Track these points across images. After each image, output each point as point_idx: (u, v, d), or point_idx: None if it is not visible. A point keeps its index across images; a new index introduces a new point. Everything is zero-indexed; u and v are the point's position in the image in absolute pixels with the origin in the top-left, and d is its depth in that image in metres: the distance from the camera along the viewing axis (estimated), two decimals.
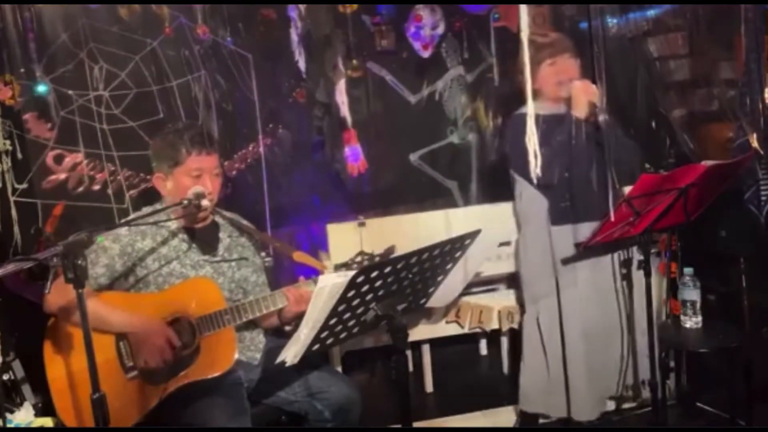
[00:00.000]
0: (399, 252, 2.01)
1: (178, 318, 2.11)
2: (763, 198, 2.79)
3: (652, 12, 3.29)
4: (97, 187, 2.79)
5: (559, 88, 2.54)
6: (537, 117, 2.27)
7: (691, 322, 2.43)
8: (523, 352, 2.76)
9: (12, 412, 2.28)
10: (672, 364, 2.86)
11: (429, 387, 3.30)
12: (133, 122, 2.80)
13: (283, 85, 3.09)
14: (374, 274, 1.66)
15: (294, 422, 2.31)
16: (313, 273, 2.24)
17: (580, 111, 2.46)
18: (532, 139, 1.52)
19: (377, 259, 2.13)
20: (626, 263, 2.66)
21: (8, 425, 2.21)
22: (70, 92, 2.74)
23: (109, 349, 2.08)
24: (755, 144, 2.76)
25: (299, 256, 2.25)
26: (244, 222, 2.43)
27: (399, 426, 1.84)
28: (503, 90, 3.25)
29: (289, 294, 2.14)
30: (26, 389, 2.40)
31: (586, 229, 2.51)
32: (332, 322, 1.69)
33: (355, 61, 3.11)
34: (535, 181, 2.06)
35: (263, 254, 2.49)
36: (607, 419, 2.83)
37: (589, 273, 2.60)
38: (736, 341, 2.40)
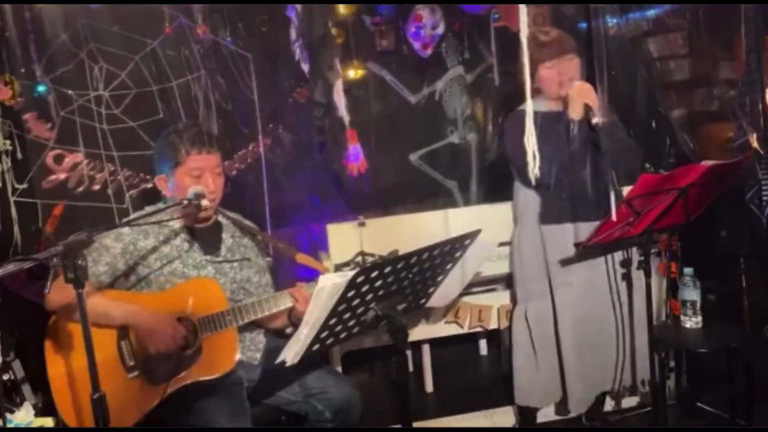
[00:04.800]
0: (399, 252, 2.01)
1: (180, 318, 2.11)
2: (765, 198, 2.79)
3: (652, 12, 3.29)
4: (97, 187, 2.79)
5: (560, 88, 2.55)
6: (536, 114, 2.29)
7: (691, 322, 2.43)
8: (513, 348, 2.77)
9: (12, 412, 2.28)
10: (672, 364, 2.87)
11: (429, 387, 3.30)
12: (133, 122, 2.80)
13: (283, 85, 3.09)
14: (374, 274, 1.66)
15: (294, 422, 2.31)
16: (314, 274, 2.24)
17: (575, 113, 2.46)
18: (530, 140, 1.51)
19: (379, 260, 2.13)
20: (626, 263, 2.66)
21: (8, 425, 2.21)
22: (70, 92, 2.73)
23: (110, 348, 2.08)
24: (755, 144, 2.76)
25: (301, 258, 2.25)
26: (247, 222, 2.43)
27: (399, 426, 1.84)
28: (503, 89, 3.25)
29: (298, 295, 2.14)
30: (26, 389, 2.40)
31: (578, 230, 2.53)
32: (332, 322, 1.69)
33: (355, 61, 3.11)
34: (533, 181, 2.07)
35: None
36: (607, 419, 2.84)
37: (584, 271, 2.61)
38: (736, 341, 2.40)
